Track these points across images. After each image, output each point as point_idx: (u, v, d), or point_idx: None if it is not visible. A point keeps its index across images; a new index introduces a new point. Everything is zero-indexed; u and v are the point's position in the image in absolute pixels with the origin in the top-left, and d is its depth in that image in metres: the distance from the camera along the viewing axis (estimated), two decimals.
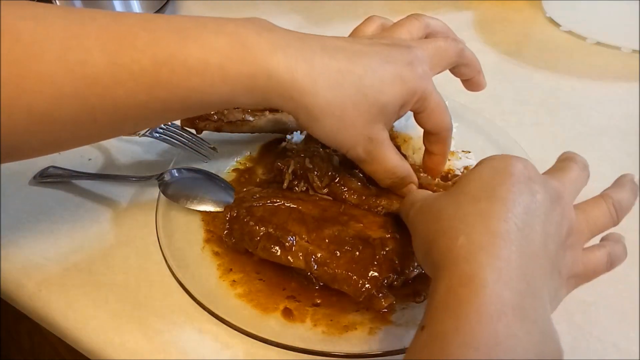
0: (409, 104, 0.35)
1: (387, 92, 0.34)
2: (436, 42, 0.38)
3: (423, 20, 0.40)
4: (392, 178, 0.38)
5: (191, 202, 0.44)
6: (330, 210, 0.39)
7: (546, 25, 0.76)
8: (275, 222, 0.38)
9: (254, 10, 0.81)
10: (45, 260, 0.42)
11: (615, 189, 0.33)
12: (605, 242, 0.33)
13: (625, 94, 0.61)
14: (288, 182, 0.42)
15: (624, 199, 0.33)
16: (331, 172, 0.41)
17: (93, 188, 0.49)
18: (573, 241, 0.30)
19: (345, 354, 0.34)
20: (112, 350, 0.36)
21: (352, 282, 0.35)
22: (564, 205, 0.30)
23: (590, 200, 0.33)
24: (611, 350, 0.36)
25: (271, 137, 0.52)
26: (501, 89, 0.63)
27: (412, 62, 0.35)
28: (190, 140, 0.50)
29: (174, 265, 0.39)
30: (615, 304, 0.39)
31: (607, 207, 0.32)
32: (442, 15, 0.79)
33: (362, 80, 0.33)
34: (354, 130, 0.34)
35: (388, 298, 0.35)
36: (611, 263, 0.32)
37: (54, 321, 0.39)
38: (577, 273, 0.31)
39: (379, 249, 0.36)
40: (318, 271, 0.36)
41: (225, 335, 0.36)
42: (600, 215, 0.32)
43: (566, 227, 0.30)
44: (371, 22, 0.41)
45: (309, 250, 0.36)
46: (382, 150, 0.36)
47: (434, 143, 0.39)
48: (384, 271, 0.35)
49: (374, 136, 0.35)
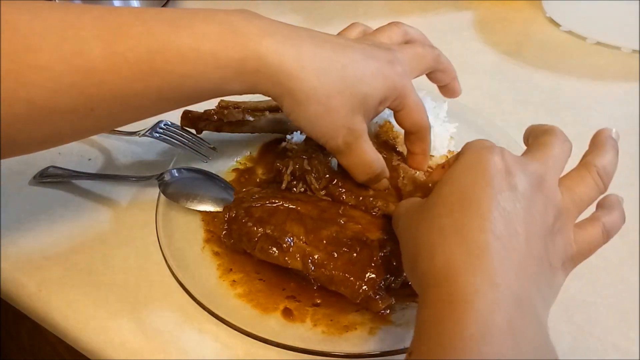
0: (388, 100, 0.37)
1: (369, 84, 0.35)
2: (414, 48, 0.40)
3: (402, 27, 0.42)
4: (368, 173, 0.39)
5: (191, 202, 0.44)
6: (329, 211, 0.39)
7: (546, 25, 0.76)
8: (274, 223, 0.38)
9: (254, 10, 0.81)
10: (45, 260, 0.42)
11: (597, 154, 0.32)
12: (598, 213, 0.31)
13: (625, 94, 0.61)
14: (287, 183, 0.42)
15: (607, 163, 0.31)
16: (328, 174, 0.41)
17: (93, 188, 0.49)
18: (561, 224, 0.29)
19: (345, 354, 0.34)
20: (112, 350, 0.36)
21: (349, 284, 0.35)
22: (548, 189, 0.29)
23: (574, 174, 0.31)
24: (611, 350, 0.36)
25: (271, 137, 0.52)
26: (501, 89, 0.63)
27: (393, 61, 0.37)
28: (190, 140, 0.50)
29: (174, 265, 0.39)
30: (615, 304, 0.39)
31: (592, 179, 0.31)
32: (442, 15, 0.80)
33: (346, 70, 0.34)
34: (337, 119, 0.35)
35: (385, 300, 0.35)
36: (607, 234, 0.31)
37: (54, 321, 0.39)
38: (572, 255, 0.30)
39: (377, 250, 0.36)
40: (315, 273, 0.36)
41: (225, 335, 0.36)
42: (587, 190, 0.31)
43: (552, 212, 0.29)
44: (354, 27, 0.43)
45: (306, 251, 0.36)
46: (360, 143, 0.37)
47: (414, 142, 0.41)
48: (382, 273, 0.35)
49: (354, 127, 0.36)
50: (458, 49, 0.71)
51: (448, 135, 0.50)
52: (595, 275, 0.41)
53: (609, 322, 0.37)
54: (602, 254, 0.42)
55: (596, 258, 0.42)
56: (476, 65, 0.67)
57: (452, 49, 0.71)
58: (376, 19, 0.78)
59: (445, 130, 0.50)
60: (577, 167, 0.32)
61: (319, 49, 0.34)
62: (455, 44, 0.72)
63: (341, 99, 0.34)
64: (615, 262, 0.42)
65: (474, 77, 0.65)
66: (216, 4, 0.81)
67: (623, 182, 0.49)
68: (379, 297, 0.35)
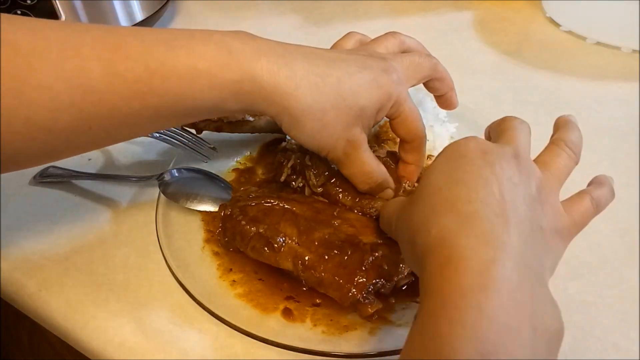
0: (385, 108, 0.37)
1: (364, 95, 0.36)
2: (411, 56, 0.40)
3: (399, 37, 0.42)
4: (369, 183, 0.39)
5: (191, 202, 0.44)
6: (324, 212, 0.39)
7: (546, 25, 0.76)
8: (267, 223, 0.38)
9: (254, 10, 0.81)
10: (45, 260, 0.42)
11: (562, 131, 0.34)
12: (587, 188, 0.33)
13: (625, 94, 0.61)
14: (286, 176, 0.43)
15: (575, 137, 0.33)
16: (328, 172, 0.41)
17: (93, 188, 0.49)
18: (545, 195, 0.30)
19: (345, 354, 0.34)
20: (112, 350, 0.36)
21: (338, 287, 0.35)
22: (524, 162, 0.30)
23: (546, 151, 0.33)
24: (611, 350, 0.36)
25: (271, 137, 0.52)
26: (501, 89, 0.63)
27: (387, 69, 0.37)
28: (190, 140, 0.50)
29: (173, 265, 0.39)
30: (615, 304, 0.39)
31: (564, 151, 0.32)
32: (442, 15, 0.80)
33: (340, 84, 0.35)
34: (334, 133, 0.36)
35: (375, 305, 0.35)
36: (597, 205, 0.32)
37: (54, 321, 0.39)
38: (566, 225, 0.30)
39: (368, 254, 0.35)
40: (305, 274, 0.36)
41: (225, 335, 0.36)
42: (562, 160, 0.32)
43: (534, 183, 0.29)
44: (350, 37, 0.43)
45: (297, 252, 0.36)
46: (359, 153, 0.37)
47: (408, 152, 0.41)
48: (372, 277, 0.35)
49: (353, 138, 0.37)
50: (458, 49, 0.71)
51: (448, 136, 0.50)
52: (595, 275, 0.41)
53: (609, 322, 0.37)
54: (602, 254, 0.42)
55: (596, 258, 0.42)
56: (476, 65, 0.67)
57: (452, 49, 0.72)
58: (376, 19, 0.79)
59: (446, 130, 0.50)
60: (547, 145, 0.34)
61: (312, 65, 0.35)
62: (455, 44, 0.72)
63: (337, 113, 0.35)
64: (615, 262, 0.42)
65: (474, 77, 0.65)
66: (217, 4, 0.81)
67: (623, 182, 0.49)
68: (368, 301, 0.34)
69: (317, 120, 0.35)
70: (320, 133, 0.36)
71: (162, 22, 0.76)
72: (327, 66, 0.35)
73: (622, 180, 0.50)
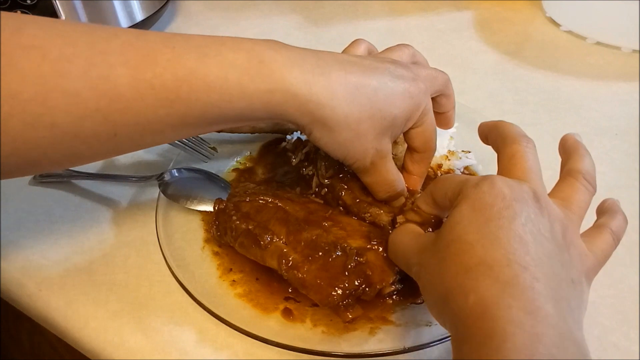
0: (414, 118, 0.37)
1: (398, 105, 0.35)
2: (427, 69, 0.40)
3: (411, 49, 0.42)
4: (388, 191, 0.39)
5: (191, 202, 0.44)
6: (316, 213, 0.39)
7: (546, 25, 0.76)
8: (258, 220, 0.38)
9: (254, 10, 0.81)
10: (45, 260, 0.42)
11: (575, 160, 0.33)
12: (603, 220, 0.32)
13: (625, 94, 0.61)
14: (298, 161, 0.43)
15: (588, 166, 0.33)
16: (338, 166, 0.41)
17: (93, 188, 0.49)
18: (570, 236, 0.29)
19: (345, 354, 0.34)
20: (112, 350, 0.36)
21: (318, 289, 0.34)
22: (545, 204, 0.29)
23: (562, 185, 0.32)
24: (611, 350, 0.36)
25: (271, 137, 0.52)
26: (501, 89, 0.63)
27: (416, 79, 0.37)
28: (190, 140, 0.50)
29: (173, 264, 0.39)
30: (615, 304, 0.39)
31: (582, 185, 0.32)
32: (442, 15, 0.80)
33: (376, 94, 0.34)
34: (365, 142, 0.35)
35: (355, 311, 0.34)
36: (617, 238, 0.32)
37: (54, 321, 0.39)
38: (591, 265, 0.30)
39: (351, 258, 0.35)
40: (289, 274, 0.35)
41: (225, 335, 0.36)
42: (580, 196, 0.32)
43: (558, 227, 0.29)
44: (358, 44, 0.42)
45: (283, 251, 0.36)
46: (385, 162, 0.37)
47: (417, 162, 0.41)
48: (354, 282, 0.34)
49: (381, 147, 0.36)
50: (458, 49, 0.71)
51: (448, 135, 0.50)
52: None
53: (609, 322, 0.37)
54: None
55: None
56: (476, 65, 0.67)
57: (452, 49, 0.72)
58: (376, 19, 0.79)
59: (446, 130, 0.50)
60: (562, 177, 0.33)
61: (348, 74, 0.34)
62: (455, 44, 0.72)
63: (372, 122, 0.35)
64: (615, 262, 0.42)
65: (474, 77, 0.65)
66: (217, 4, 0.81)
67: (623, 183, 0.49)
68: (349, 306, 0.34)
69: (351, 130, 0.34)
70: (352, 143, 0.35)
71: (162, 22, 0.76)
72: (363, 75, 0.34)
73: (622, 180, 0.50)
